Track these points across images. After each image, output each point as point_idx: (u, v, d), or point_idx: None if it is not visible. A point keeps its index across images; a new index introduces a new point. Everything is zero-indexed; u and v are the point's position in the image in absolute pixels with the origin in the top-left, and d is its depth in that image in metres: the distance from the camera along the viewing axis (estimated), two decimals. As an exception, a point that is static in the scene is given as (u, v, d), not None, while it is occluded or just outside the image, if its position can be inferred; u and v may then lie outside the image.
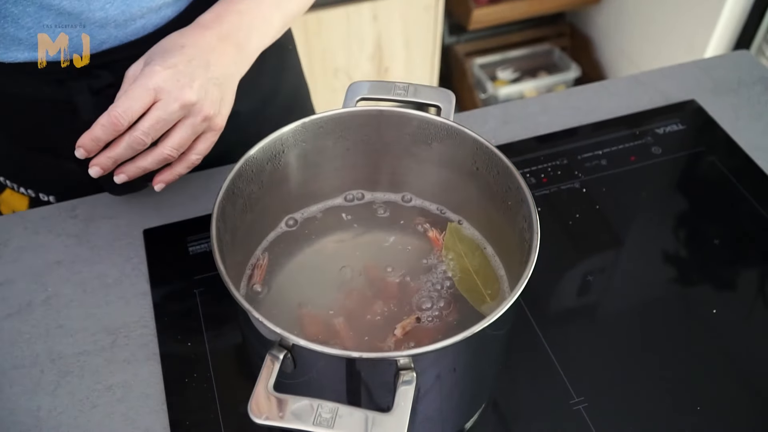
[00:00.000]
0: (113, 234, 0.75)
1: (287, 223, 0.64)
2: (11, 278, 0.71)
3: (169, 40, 0.64)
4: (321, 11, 1.74)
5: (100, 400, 0.62)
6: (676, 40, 1.88)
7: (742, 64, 0.96)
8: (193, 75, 0.62)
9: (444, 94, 0.61)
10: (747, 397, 0.63)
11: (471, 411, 0.60)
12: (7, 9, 0.62)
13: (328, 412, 0.41)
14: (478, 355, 0.51)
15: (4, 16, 0.63)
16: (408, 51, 1.95)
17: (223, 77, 0.65)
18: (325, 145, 0.61)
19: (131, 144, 0.61)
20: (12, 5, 0.62)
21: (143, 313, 0.68)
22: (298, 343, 0.43)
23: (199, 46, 0.63)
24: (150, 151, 0.63)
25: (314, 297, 0.58)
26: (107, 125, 0.60)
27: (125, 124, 0.60)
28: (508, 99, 2.11)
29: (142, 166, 0.64)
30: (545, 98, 0.92)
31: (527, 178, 0.80)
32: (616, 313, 0.70)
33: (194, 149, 0.66)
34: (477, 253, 0.61)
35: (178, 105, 0.61)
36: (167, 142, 0.63)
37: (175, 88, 0.60)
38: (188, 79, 0.61)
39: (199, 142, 0.66)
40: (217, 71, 0.64)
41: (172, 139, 0.63)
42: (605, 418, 0.61)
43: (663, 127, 0.87)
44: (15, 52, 0.65)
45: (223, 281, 0.46)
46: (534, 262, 0.48)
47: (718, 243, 0.75)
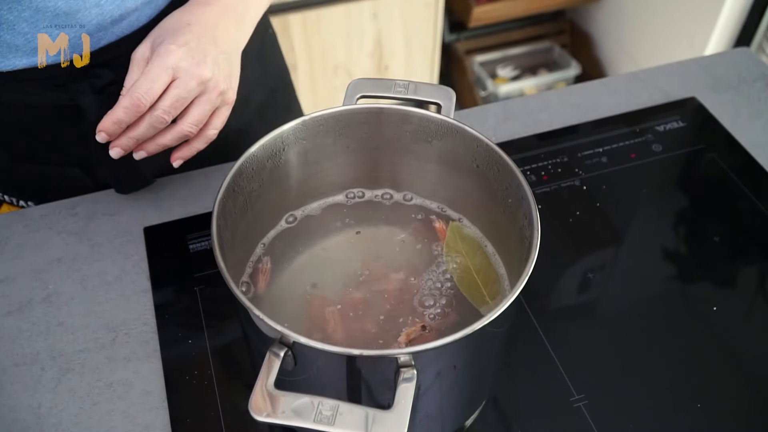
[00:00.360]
0: (114, 231, 0.75)
1: (287, 220, 0.64)
2: (12, 275, 0.71)
3: (174, 19, 0.65)
4: (321, 9, 1.74)
5: (100, 398, 0.62)
6: (677, 37, 1.88)
7: (742, 61, 0.96)
8: (205, 51, 0.63)
9: (444, 92, 0.61)
10: (747, 394, 0.64)
11: (471, 408, 0.60)
12: (2, 16, 0.61)
13: (328, 409, 0.41)
14: (479, 352, 0.51)
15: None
16: (408, 48, 1.95)
17: (230, 51, 0.66)
18: (325, 142, 0.61)
19: (153, 123, 0.62)
20: (7, 12, 0.61)
21: (144, 310, 0.68)
22: (298, 341, 0.43)
23: (203, 23, 0.64)
24: (170, 129, 0.64)
25: (314, 294, 0.58)
26: (130, 107, 0.60)
27: (147, 104, 0.61)
28: (508, 96, 2.11)
29: (162, 143, 0.65)
30: (545, 96, 0.92)
31: (527, 176, 0.80)
32: (617, 311, 0.70)
33: (211, 124, 0.67)
34: (478, 252, 0.61)
35: (195, 82, 0.62)
36: (187, 119, 0.64)
37: (191, 65, 0.62)
38: (202, 55, 0.62)
39: (215, 117, 0.67)
40: (224, 46, 0.65)
41: (192, 116, 0.64)
42: (605, 415, 0.61)
43: (663, 125, 0.87)
44: (13, 60, 0.65)
45: (224, 279, 0.46)
46: (534, 260, 0.48)
47: (718, 240, 0.75)
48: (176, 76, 0.61)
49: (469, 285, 0.58)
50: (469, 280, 0.59)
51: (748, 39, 1.75)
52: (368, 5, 1.79)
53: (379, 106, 0.59)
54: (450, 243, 0.61)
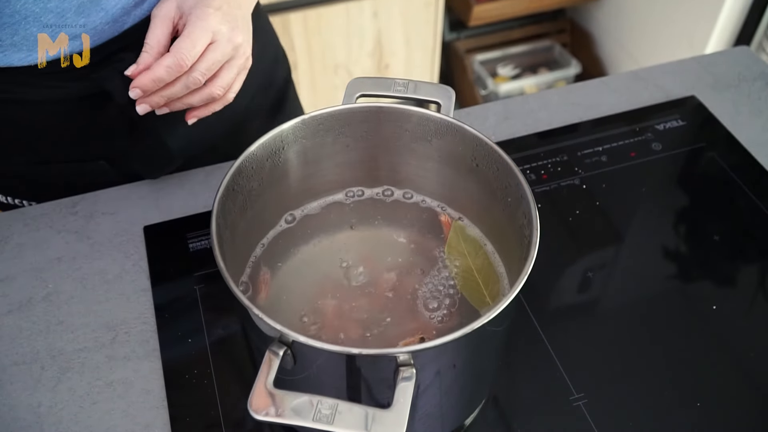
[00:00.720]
0: (114, 230, 0.75)
1: (287, 219, 0.64)
2: (12, 274, 0.71)
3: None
4: (321, 8, 1.74)
5: (100, 397, 0.62)
6: (677, 36, 1.88)
7: (742, 59, 0.96)
8: (235, 17, 0.64)
9: (444, 91, 0.61)
10: (747, 392, 0.64)
11: (471, 407, 0.60)
12: (28, 8, 0.61)
13: (327, 408, 0.41)
14: (478, 351, 0.51)
15: (25, 17, 0.62)
16: (408, 48, 1.95)
17: (246, 18, 0.67)
18: (324, 141, 0.61)
19: (188, 84, 0.63)
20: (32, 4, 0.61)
21: (143, 309, 0.68)
22: (297, 340, 0.43)
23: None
24: (200, 90, 0.65)
25: (314, 293, 0.58)
26: (173, 66, 0.61)
27: (189, 65, 0.61)
28: (508, 95, 2.11)
29: (189, 101, 0.65)
30: (545, 94, 0.92)
31: (527, 175, 0.80)
32: (616, 309, 0.70)
33: (231, 88, 0.67)
34: (480, 253, 0.61)
35: (231, 47, 0.63)
36: (217, 81, 0.65)
37: (228, 29, 0.63)
38: (234, 21, 0.64)
39: (236, 81, 0.68)
40: (245, 9, 0.67)
41: (222, 79, 0.65)
42: (605, 414, 0.61)
43: (663, 123, 0.87)
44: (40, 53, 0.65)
45: (223, 278, 0.46)
46: (533, 259, 0.48)
47: (717, 239, 0.75)
48: (215, 38, 0.62)
49: (470, 286, 0.58)
50: (470, 281, 0.59)
51: (748, 38, 1.75)
52: (368, 4, 1.79)
53: (379, 105, 0.59)
54: (453, 243, 0.61)
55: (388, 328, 0.56)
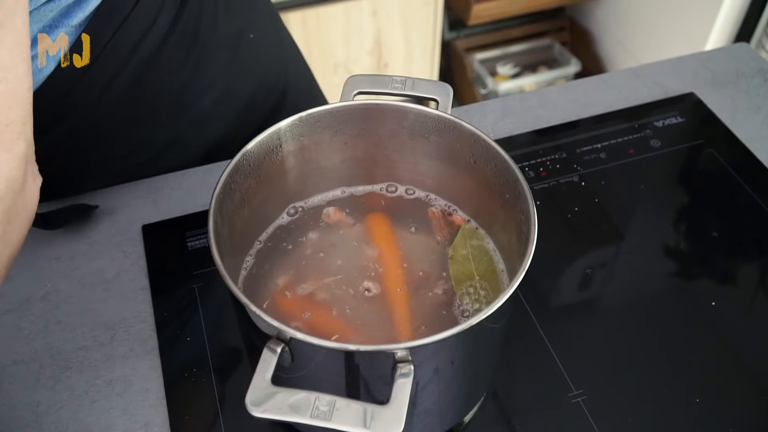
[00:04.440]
0: (112, 229, 0.75)
1: (285, 217, 0.63)
2: (10, 274, 0.70)
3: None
4: (320, 7, 1.74)
5: (99, 395, 0.62)
6: (676, 33, 1.88)
7: (740, 56, 0.96)
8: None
9: (441, 88, 0.61)
10: (747, 389, 0.63)
11: (470, 404, 0.60)
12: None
13: (325, 404, 0.41)
14: (476, 347, 0.51)
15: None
16: (408, 46, 1.95)
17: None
18: (322, 139, 0.61)
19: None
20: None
21: (142, 308, 0.68)
22: (295, 336, 0.43)
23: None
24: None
25: (313, 291, 0.58)
26: None
27: None
28: (508, 94, 2.10)
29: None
30: (544, 91, 0.92)
31: (526, 172, 0.80)
32: (616, 306, 0.70)
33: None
34: (485, 259, 0.60)
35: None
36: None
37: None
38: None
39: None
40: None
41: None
42: (604, 411, 0.61)
43: (662, 120, 0.86)
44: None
45: (221, 275, 0.46)
46: (531, 255, 0.48)
47: (717, 235, 0.75)
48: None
49: (467, 291, 0.58)
50: (468, 286, 0.58)
51: (748, 35, 1.75)
52: (368, 3, 1.79)
53: (376, 102, 0.59)
54: (458, 246, 0.61)
55: (387, 324, 0.56)
